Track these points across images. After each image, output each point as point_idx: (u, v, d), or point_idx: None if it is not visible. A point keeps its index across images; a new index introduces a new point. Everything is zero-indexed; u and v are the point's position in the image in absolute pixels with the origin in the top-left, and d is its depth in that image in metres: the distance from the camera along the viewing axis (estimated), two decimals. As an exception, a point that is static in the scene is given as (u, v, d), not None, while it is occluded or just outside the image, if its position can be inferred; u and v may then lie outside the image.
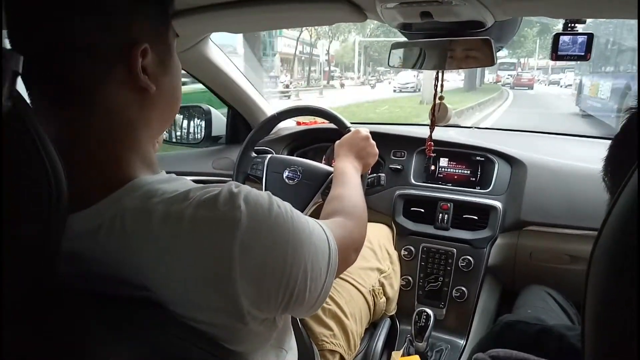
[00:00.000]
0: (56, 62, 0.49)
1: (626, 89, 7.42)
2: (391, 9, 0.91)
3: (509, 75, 25.99)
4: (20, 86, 0.44)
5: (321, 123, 1.79)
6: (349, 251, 0.71)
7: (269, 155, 1.38)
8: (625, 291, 0.25)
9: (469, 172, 1.53)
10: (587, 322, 0.28)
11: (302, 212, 1.19)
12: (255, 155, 1.41)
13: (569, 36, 0.98)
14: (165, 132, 1.81)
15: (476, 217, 1.42)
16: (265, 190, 0.57)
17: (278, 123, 1.44)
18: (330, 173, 1.25)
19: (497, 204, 1.41)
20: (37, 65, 0.49)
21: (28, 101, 0.45)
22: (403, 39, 1.17)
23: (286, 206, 0.54)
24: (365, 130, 1.12)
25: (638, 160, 0.25)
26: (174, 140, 1.86)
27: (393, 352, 1.12)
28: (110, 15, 0.50)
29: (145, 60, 0.53)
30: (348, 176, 0.95)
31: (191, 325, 0.49)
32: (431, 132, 1.23)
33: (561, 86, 22.90)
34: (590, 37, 0.96)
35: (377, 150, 1.11)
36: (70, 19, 0.48)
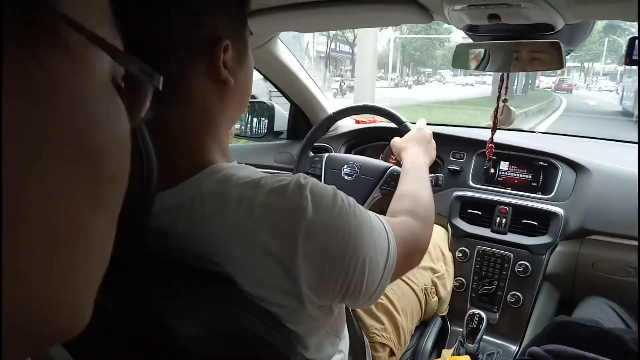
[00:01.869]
0: (152, 57, 0.55)
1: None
2: (458, 10, 0.91)
3: (553, 81, 27.80)
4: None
5: (379, 122, 1.81)
6: (412, 252, 0.71)
7: (327, 154, 1.42)
8: None
9: (530, 176, 1.49)
10: None
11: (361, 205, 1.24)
12: (314, 154, 1.46)
13: (646, 40, 0.94)
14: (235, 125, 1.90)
15: (536, 223, 1.39)
16: None
17: (334, 122, 1.48)
18: (388, 168, 1.27)
19: (559, 210, 1.37)
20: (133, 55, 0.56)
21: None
22: (445, 35, 1.16)
23: (350, 200, 0.57)
24: (429, 131, 1.13)
25: (638, 162, 0.26)
26: (239, 133, 1.95)
27: (443, 350, 1.13)
28: (198, 15, 0.55)
29: (226, 55, 0.57)
30: (420, 171, 0.94)
31: (256, 302, 0.53)
32: (493, 134, 1.22)
33: (598, 90, 25.70)
34: None
35: (435, 153, 1.12)
36: (166, 19, 0.54)
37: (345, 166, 1.34)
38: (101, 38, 0.21)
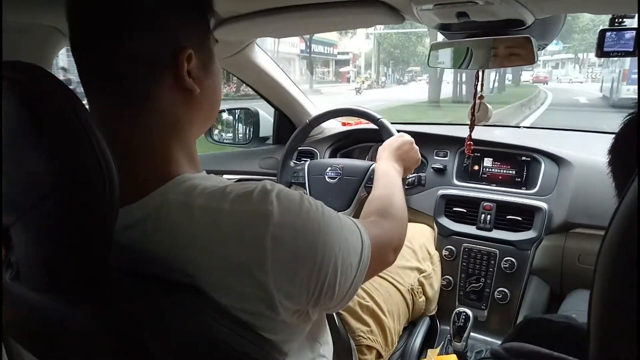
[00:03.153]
0: (115, 70, 0.55)
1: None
2: (427, 10, 0.92)
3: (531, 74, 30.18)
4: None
5: (365, 123, 1.81)
6: (385, 250, 0.71)
7: (308, 162, 1.42)
8: (625, 290, 0.27)
9: (514, 172, 1.49)
10: (593, 314, 0.30)
11: (348, 206, 1.24)
12: (295, 163, 1.46)
13: (616, 32, 0.95)
14: (215, 133, 1.90)
15: (520, 218, 1.39)
16: (310, 193, 0.60)
17: (311, 130, 1.47)
18: (370, 166, 1.28)
19: (543, 204, 1.37)
20: (99, 72, 0.56)
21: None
22: (423, 29, 1.16)
23: (317, 203, 0.57)
24: (408, 136, 1.13)
25: (638, 167, 0.26)
26: (224, 141, 1.95)
27: (429, 350, 1.12)
28: (160, 27, 0.55)
29: (190, 64, 0.58)
30: (389, 177, 0.96)
31: (229, 312, 0.52)
32: (471, 131, 1.22)
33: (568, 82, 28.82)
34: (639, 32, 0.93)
35: (419, 156, 1.12)
36: (127, 33, 0.54)
37: (327, 170, 1.34)
38: None
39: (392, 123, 1.31)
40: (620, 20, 0.94)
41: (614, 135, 0.55)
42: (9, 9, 0.79)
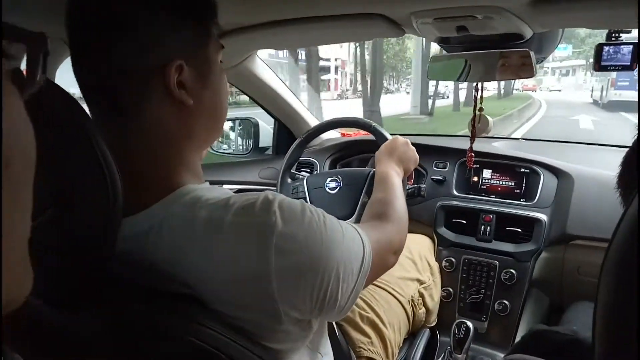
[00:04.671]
0: (105, 83, 0.56)
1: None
2: (427, 24, 0.93)
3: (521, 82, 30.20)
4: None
5: (364, 134, 1.82)
6: (386, 253, 0.71)
7: (306, 177, 1.42)
8: (629, 301, 0.27)
9: (513, 184, 1.50)
10: (598, 324, 0.30)
11: (351, 213, 1.24)
12: (294, 174, 1.46)
13: (613, 46, 0.96)
14: (214, 143, 1.91)
15: (520, 230, 1.40)
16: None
17: (306, 145, 1.48)
18: (369, 172, 1.28)
19: (542, 216, 1.38)
20: (92, 86, 0.56)
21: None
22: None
23: (319, 212, 0.57)
24: (402, 138, 1.14)
25: (638, 178, 0.27)
26: (224, 151, 1.95)
27: None
28: (143, 39, 0.55)
29: (182, 75, 0.56)
30: (389, 180, 0.95)
31: (230, 322, 0.52)
32: (472, 143, 1.23)
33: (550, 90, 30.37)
34: (636, 46, 0.94)
35: (417, 155, 1.11)
36: (115, 45, 0.54)
37: (327, 181, 1.35)
38: None
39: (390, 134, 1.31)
40: (618, 35, 0.95)
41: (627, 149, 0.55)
42: (15, 19, 0.80)
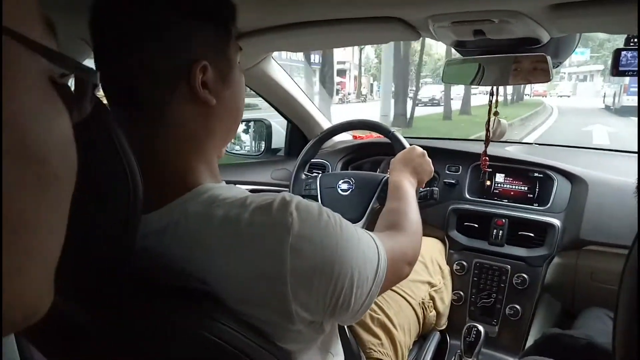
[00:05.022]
0: (132, 82, 0.57)
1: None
2: (444, 27, 0.93)
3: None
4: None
5: (376, 137, 1.82)
6: (400, 263, 0.71)
7: (320, 175, 1.43)
8: None
9: (526, 188, 1.50)
10: (618, 332, 0.30)
11: (360, 217, 1.25)
12: (307, 175, 1.47)
13: (631, 51, 0.96)
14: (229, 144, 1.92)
15: (532, 235, 1.39)
16: (322, 205, 0.60)
17: (323, 143, 1.49)
18: (382, 178, 1.28)
19: (556, 221, 1.37)
20: (116, 85, 0.58)
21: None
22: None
23: (335, 215, 0.57)
24: (420, 148, 1.14)
25: (638, 173, 0.27)
26: (236, 151, 1.97)
27: None
28: (173, 40, 0.56)
29: (206, 76, 0.58)
30: (403, 190, 0.95)
31: (244, 320, 0.53)
32: (486, 147, 1.23)
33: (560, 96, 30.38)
34: None
35: (432, 168, 1.11)
36: (139, 46, 0.55)
37: (340, 182, 1.35)
38: (33, 40, 0.22)
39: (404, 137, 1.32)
40: (636, 40, 0.95)
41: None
42: None
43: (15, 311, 0.23)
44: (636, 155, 1.69)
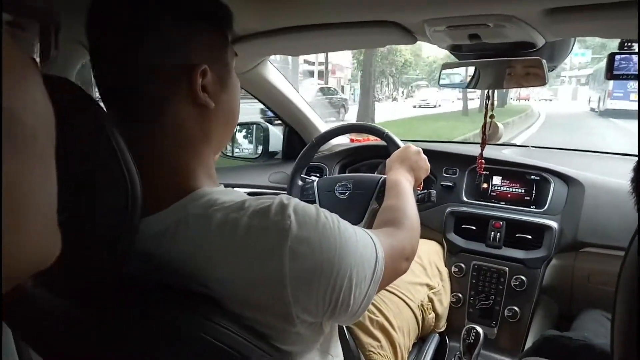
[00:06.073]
0: (130, 85, 0.57)
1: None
2: (440, 31, 0.94)
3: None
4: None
5: (373, 140, 1.83)
6: (398, 259, 0.72)
7: (317, 180, 1.43)
8: None
9: (523, 191, 1.50)
10: (616, 333, 0.31)
11: (360, 219, 1.25)
12: (304, 178, 1.47)
13: (626, 55, 0.97)
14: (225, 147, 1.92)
15: (530, 237, 1.40)
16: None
17: (317, 149, 1.49)
18: (380, 179, 1.29)
19: (553, 223, 1.38)
20: (114, 85, 0.58)
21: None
22: None
23: (333, 217, 0.58)
24: (414, 146, 1.14)
25: (637, 180, 0.27)
26: (234, 154, 1.97)
27: None
28: (173, 43, 0.57)
29: (205, 79, 0.58)
30: (400, 187, 0.96)
31: (244, 323, 0.53)
32: (482, 149, 1.24)
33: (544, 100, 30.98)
34: None
35: (428, 165, 1.12)
36: (141, 49, 0.55)
37: (337, 186, 1.35)
38: None
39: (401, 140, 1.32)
40: (630, 44, 0.96)
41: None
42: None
43: (19, 264, 0.25)
44: (631, 157, 1.70)
